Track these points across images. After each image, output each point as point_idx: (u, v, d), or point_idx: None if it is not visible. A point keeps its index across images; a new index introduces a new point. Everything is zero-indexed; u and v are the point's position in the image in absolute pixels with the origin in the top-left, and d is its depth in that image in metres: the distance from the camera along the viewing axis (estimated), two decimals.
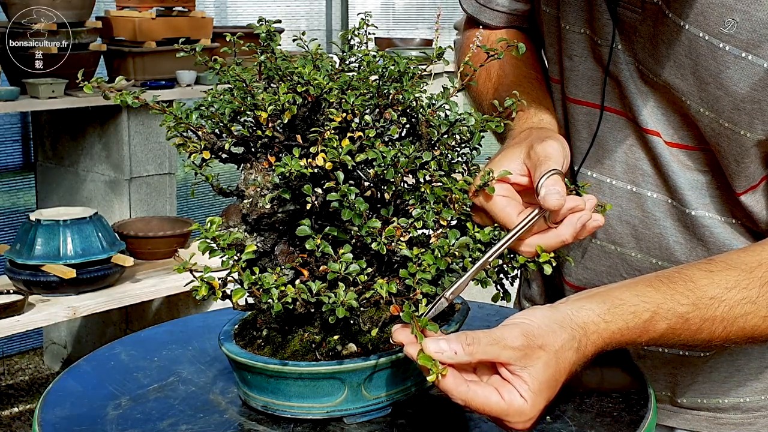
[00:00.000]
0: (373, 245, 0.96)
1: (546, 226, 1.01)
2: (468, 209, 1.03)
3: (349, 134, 0.98)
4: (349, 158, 0.96)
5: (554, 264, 1.02)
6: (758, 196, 1.15)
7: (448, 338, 0.90)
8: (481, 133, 1.07)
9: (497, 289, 1.04)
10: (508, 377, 0.91)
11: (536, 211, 1.00)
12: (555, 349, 0.93)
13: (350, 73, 1.03)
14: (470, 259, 0.98)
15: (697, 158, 1.16)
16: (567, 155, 1.07)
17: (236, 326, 1.07)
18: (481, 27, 1.37)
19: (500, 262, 1.02)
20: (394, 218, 1.01)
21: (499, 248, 0.99)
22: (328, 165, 0.96)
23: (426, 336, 0.90)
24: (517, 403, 0.90)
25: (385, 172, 0.98)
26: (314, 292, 0.93)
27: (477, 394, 0.89)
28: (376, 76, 1.04)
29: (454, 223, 1.02)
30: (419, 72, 1.05)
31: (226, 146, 1.03)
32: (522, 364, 0.91)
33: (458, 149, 1.08)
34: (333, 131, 0.97)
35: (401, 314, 0.91)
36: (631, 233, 1.22)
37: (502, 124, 1.06)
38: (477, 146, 1.08)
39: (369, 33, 1.09)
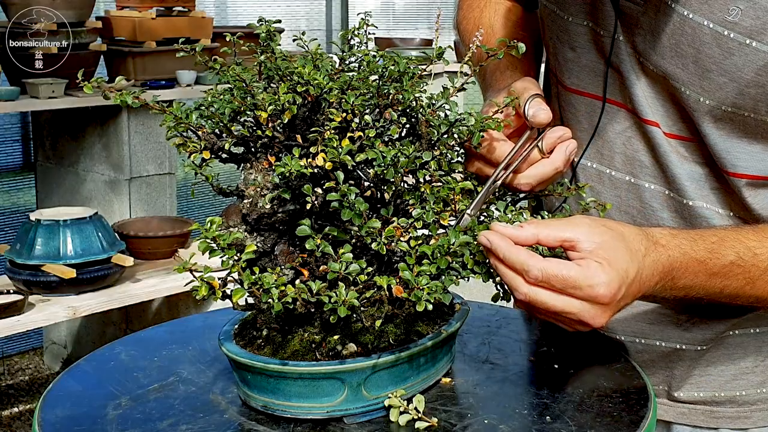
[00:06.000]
0: (373, 245, 0.97)
1: (539, 157, 1.10)
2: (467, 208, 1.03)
3: (349, 134, 0.98)
4: (349, 158, 0.96)
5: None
6: (761, 195, 1.16)
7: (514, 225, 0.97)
8: (481, 134, 1.07)
9: (497, 289, 1.04)
10: (579, 256, 0.95)
11: (528, 132, 1.10)
12: (621, 231, 0.98)
13: (350, 73, 1.03)
14: (471, 256, 0.98)
15: (695, 150, 1.18)
16: (540, 89, 1.17)
17: (236, 326, 1.07)
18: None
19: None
20: (394, 218, 1.01)
21: (506, 162, 1.08)
22: (328, 165, 0.96)
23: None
24: (593, 267, 0.93)
25: (385, 172, 0.98)
26: (314, 291, 0.93)
27: (551, 261, 0.93)
28: (376, 76, 1.04)
29: (454, 222, 1.03)
30: (419, 72, 1.05)
31: (226, 146, 1.03)
32: (590, 239, 0.95)
33: (458, 149, 1.08)
34: (333, 131, 0.98)
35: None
36: (630, 223, 1.23)
37: (501, 124, 1.08)
38: (477, 146, 1.08)
39: (369, 33, 1.09)
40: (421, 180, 1.03)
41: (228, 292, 0.95)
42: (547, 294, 0.94)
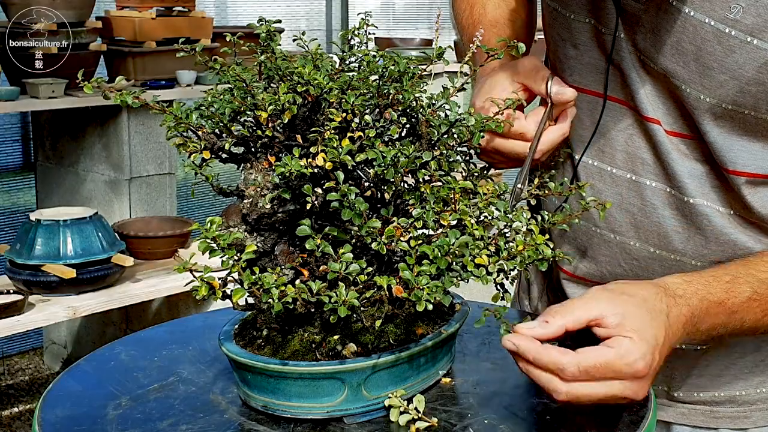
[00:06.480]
0: (373, 245, 0.96)
1: (547, 125, 1.19)
2: (468, 209, 1.03)
3: (349, 134, 0.98)
4: (349, 158, 0.96)
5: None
6: (760, 193, 1.17)
7: (536, 321, 0.97)
8: (481, 134, 1.07)
9: (497, 289, 1.04)
10: (606, 332, 0.96)
11: (547, 108, 1.19)
12: (642, 295, 0.98)
13: (350, 73, 1.03)
14: (470, 257, 0.98)
15: (695, 147, 1.18)
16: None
17: (236, 326, 1.07)
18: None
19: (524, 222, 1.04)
20: (394, 218, 1.01)
21: (539, 135, 1.17)
22: (328, 165, 0.96)
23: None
24: (625, 345, 0.94)
25: (385, 172, 0.98)
26: (314, 291, 0.93)
27: (584, 353, 0.94)
28: (376, 76, 1.04)
29: (454, 223, 1.02)
30: (419, 72, 1.05)
31: (226, 146, 1.03)
32: (614, 312, 0.96)
33: (458, 149, 1.08)
34: (333, 131, 0.97)
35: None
36: (631, 221, 1.24)
37: (502, 125, 1.08)
38: (477, 146, 1.08)
39: (369, 33, 1.09)
40: (421, 180, 1.03)
41: (228, 292, 0.95)
42: (588, 387, 0.95)
